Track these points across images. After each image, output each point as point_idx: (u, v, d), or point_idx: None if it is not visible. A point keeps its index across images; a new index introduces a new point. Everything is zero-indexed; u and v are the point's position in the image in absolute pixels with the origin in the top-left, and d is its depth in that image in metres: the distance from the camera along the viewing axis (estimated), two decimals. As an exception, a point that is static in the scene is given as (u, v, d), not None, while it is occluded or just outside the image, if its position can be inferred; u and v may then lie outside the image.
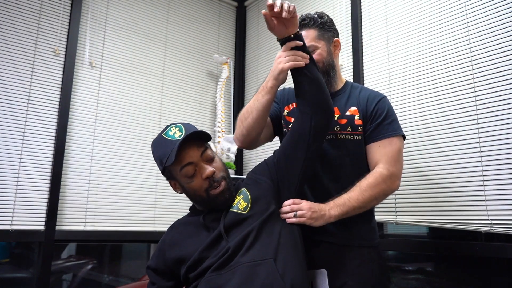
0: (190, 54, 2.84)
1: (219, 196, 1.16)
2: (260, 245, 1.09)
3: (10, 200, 2.00)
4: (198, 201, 1.21)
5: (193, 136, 1.15)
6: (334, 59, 1.43)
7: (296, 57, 1.17)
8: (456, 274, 1.93)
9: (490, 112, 1.59)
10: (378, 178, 1.28)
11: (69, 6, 2.33)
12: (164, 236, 1.26)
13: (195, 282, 1.12)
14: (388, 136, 1.34)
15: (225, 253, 1.08)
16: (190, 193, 1.20)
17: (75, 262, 2.87)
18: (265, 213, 1.14)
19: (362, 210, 1.27)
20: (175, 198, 2.58)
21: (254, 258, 1.06)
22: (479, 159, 1.59)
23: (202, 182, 1.16)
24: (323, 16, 1.43)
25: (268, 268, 1.04)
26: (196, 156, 1.16)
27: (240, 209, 1.16)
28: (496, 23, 1.62)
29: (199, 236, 1.17)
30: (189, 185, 1.18)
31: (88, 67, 2.36)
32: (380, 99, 1.39)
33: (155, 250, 1.26)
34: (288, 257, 1.09)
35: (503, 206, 1.51)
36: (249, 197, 1.18)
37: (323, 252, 1.30)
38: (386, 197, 1.34)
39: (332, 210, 1.22)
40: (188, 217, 1.28)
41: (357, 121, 1.37)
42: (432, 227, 1.79)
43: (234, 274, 1.04)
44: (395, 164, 1.32)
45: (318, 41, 1.39)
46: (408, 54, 1.92)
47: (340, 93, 1.45)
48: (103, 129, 2.36)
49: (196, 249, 1.13)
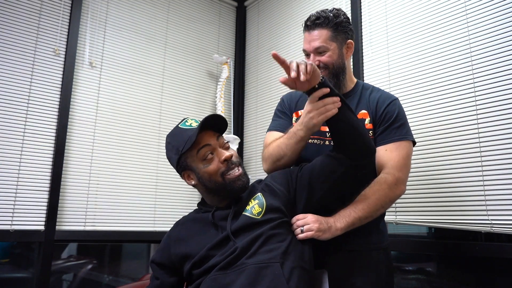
0: (190, 54, 2.84)
1: (236, 180, 1.15)
2: (268, 249, 1.08)
3: (10, 200, 2.00)
4: (212, 188, 1.18)
5: (211, 122, 1.18)
6: (345, 61, 1.39)
7: (326, 107, 1.12)
8: (456, 274, 1.93)
9: (490, 112, 1.59)
10: (383, 184, 1.24)
11: (69, 6, 2.33)
12: (170, 232, 1.25)
13: (199, 279, 1.12)
14: (395, 140, 1.30)
15: (233, 253, 1.08)
16: (205, 179, 1.17)
17: (75, 262, 2.87)
18: (278, 220, 1.13)
19: (369, 219, 1.23)
20: (175, 198, 2.58)
21: (261, 260, 1.05)
22: (479, 159, 1.59)
23: (219, 165, 1.15)
24: (339, 15, 1.36)
25: (274, 271, 1.03)
26: (213, 140, 1.18)
27: (253, 214, 1.14)
28: (496, 23, 1.62)
29: (206, 234, 1.16)
30: (205, 169, 1.16)
31: (88, 67, 2.36)
32: (390, 101, 1.35)
33: (160, 244, 1.24)
34: (295, 264, 1.08)
35: (503, 206, 1.51)
36: (264, 204, 1.16)
37: (329, 254, 1.29)
38: (393, 203, 1.32)
39: (338, 223, 1.19)
40: (195, 214, 1.26)
41: (368, 125, 1.34)
42: (432, 227, 1.79)
43: (240, 274, 1.04)
44: (401, 169, 1.28)
45: (330, 42, 1.34)
46: (408, 54, 1.92)
47: (350, 94, 1.41)
48: (103, 129, 2.36)
49: (203, 246, 1.13)
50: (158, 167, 2.54)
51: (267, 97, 2.80)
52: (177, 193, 2.59)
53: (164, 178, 2.55)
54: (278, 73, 2.74)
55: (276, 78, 2.75)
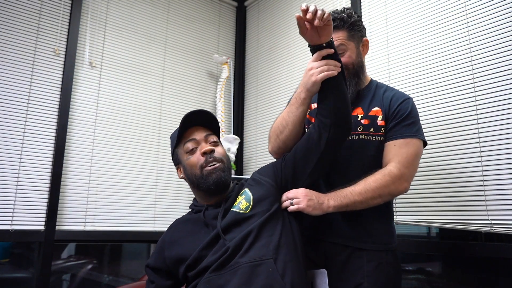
0: (190, 54, 2.84)
1: (212, 173, 1.17)
2: (260, 245, 1.08)
3: (10, 200, 2.00)
4: (193, 181, 1.21)
5: (202, 118, 1.24)
6: (363, 59, 1.40)
7: (329, 66, 1.14)
8: (456, 274, 1.93)
9: (490, 112, 1.59)
10: (386, 176, 1.23)
11: (69, 6, 2.33)
12: (164, 235, 1.26)
13: (194, 281, 1.12)
14: (405, 137, 1.29)
15: (225, 253, 1.08)
16: (188, 171, 1.22)
17: (75, 262, 2.87)
18: (267, 213, 1.14)
19: (363, 206, 1.23)
20: (175, 198, 2.58)
21: (254, 258, 1.06)
22: (479, 159, 1.59)
23: (199, 157, 1.19)
24: (352, 15, 1.36)
25: (268, 268, 1.04)
26: (200, 135, 1.23)
27: (241, 209, 1.15)
28: (496, 23, 1.62)
29: (198, 234, 1.17)
30: (187, 161, 1.21)
31: (88, 67, 2.36)
32: (404, 99, 1.35)
33: (155, 248, 1.26)
34: (288, 258, 1.08)
35: (503, 206, 1.51)
36: (251, 198, 1.17)
37: (338, 254, 1.29)
38: (392, 198, 1.31)
39: (332, 200, 1.19)
40: (188, 215, 1.28)
41: (380, 122, 1.33)
42: (432, 227, 1.79)
43: (235, 274, 1.04)
44: (408, 166, 1.26)
45: (348, 42, 1.34)
46: (408, 54, 1.92)
47: (365, 92, 1.41)
48: (103, 129, 2.36)
49: (196, 247, 1.13)
50: (158, 167, 2.54)
51: (267, 97, 2.80)
52: (177, 193, 2.59)
53: (164, 178, 2.55)
54: (278, 73, 2.74)
55: (276, 78, 2.75)
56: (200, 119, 1.25)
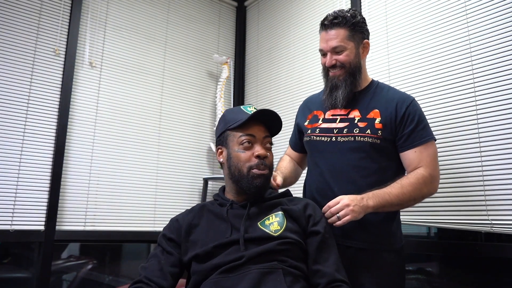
0: (190, 54, 2.84)
1: (257, 177, 1.16)
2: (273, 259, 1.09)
3: (10, 200, 2.00)
4: (234, 174, 1.19)
5: (268, 118, 1.21)
6: (361, 60, 1.41)
7: None
8: (456, 274, 1.93)
9: (490, 112, 1.59)
10: (420, 179, 1.28)
11: (69, 6, 2.33)
12: (184, 215, 1.23)
13: (199, 277, 1.11)
14: (423, 142, 1.32)
15: (239, 259, 1.07)
16: (232, 162, 1.19)
17: (75, 262, 2.86)
18: (291, 239, 1.12)
19: (399, 208, 1.30)
20: (175, 198, 2.58)
21: (264, 265, 1.06)
22: (479, 159, 1.59)
23: (251, 157, 1.17)
24: (356, 15, 1.38)
25: (277, 278, 1.04)
26: (260, 135, 1.20)
27: (271, 230, 1.13)
28: (496, 23, 1.62)
29: (218, 228, 1.16)
30: (237, 153, 1.18)
31: (88, 67, 2.36)
32: (410, 103, 1.36)
33: (169, 224, 1.23)
34: (297, 275, 1.09)
35: (503, 206, 1.51)
36: (284, 225, 1.15)
37: (340, 254, 1.28)
38: (423, 200, 1.34)
39: (370, 201, 1.21)
40: (211, 205, 1.25)
41: (377, 124, 1.34)
42: (432, 227, 1.79)
43: (243, 278, 1.04)
44: (434, 167, 1.32)
45: (347, 42, 1.36)
46: (408, 54, 1.92)
47: (363, 92, 1.42)
48: (103, 129, 2.36)
49: (212, 240, 1.12)
50: (158, 167, 2.54)
51: (267, 97, 2.80)
52: (177, 193, 2.59)
53: (164, 178, 2.55)
54: (278, 73, 2.74)
55: (276, 78, 2.75)
56: (267, 119, 1.22)
